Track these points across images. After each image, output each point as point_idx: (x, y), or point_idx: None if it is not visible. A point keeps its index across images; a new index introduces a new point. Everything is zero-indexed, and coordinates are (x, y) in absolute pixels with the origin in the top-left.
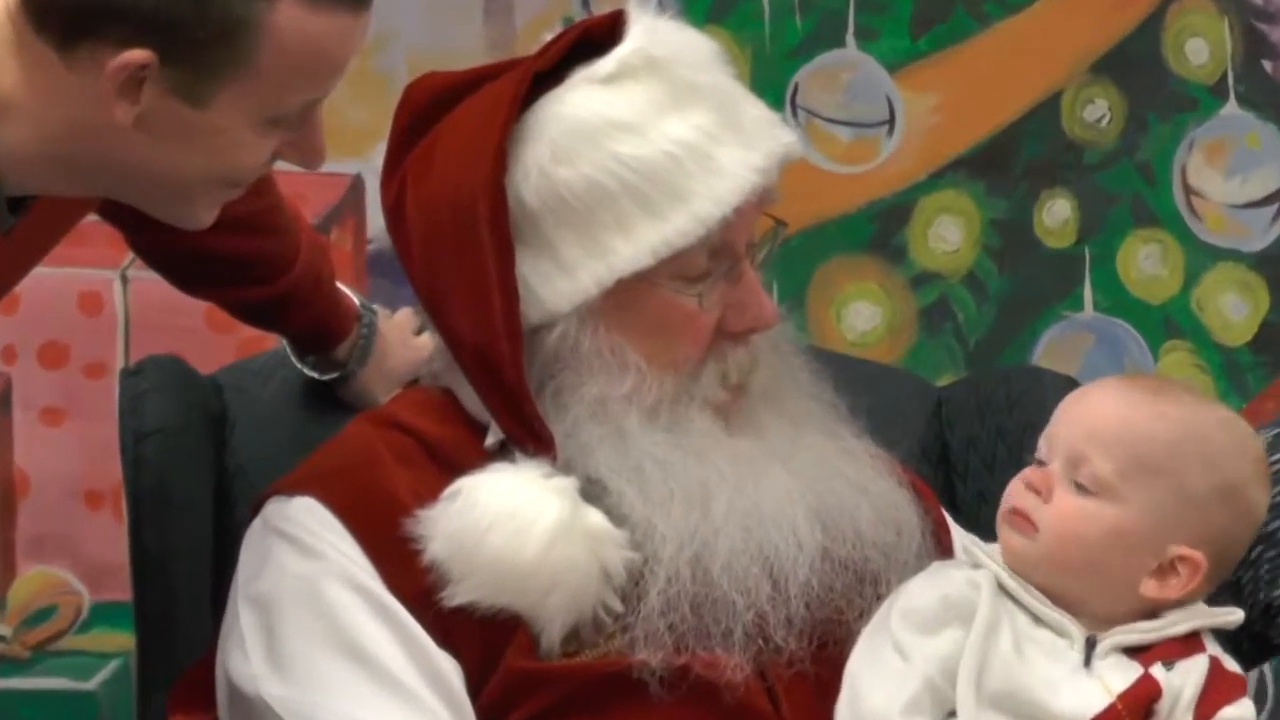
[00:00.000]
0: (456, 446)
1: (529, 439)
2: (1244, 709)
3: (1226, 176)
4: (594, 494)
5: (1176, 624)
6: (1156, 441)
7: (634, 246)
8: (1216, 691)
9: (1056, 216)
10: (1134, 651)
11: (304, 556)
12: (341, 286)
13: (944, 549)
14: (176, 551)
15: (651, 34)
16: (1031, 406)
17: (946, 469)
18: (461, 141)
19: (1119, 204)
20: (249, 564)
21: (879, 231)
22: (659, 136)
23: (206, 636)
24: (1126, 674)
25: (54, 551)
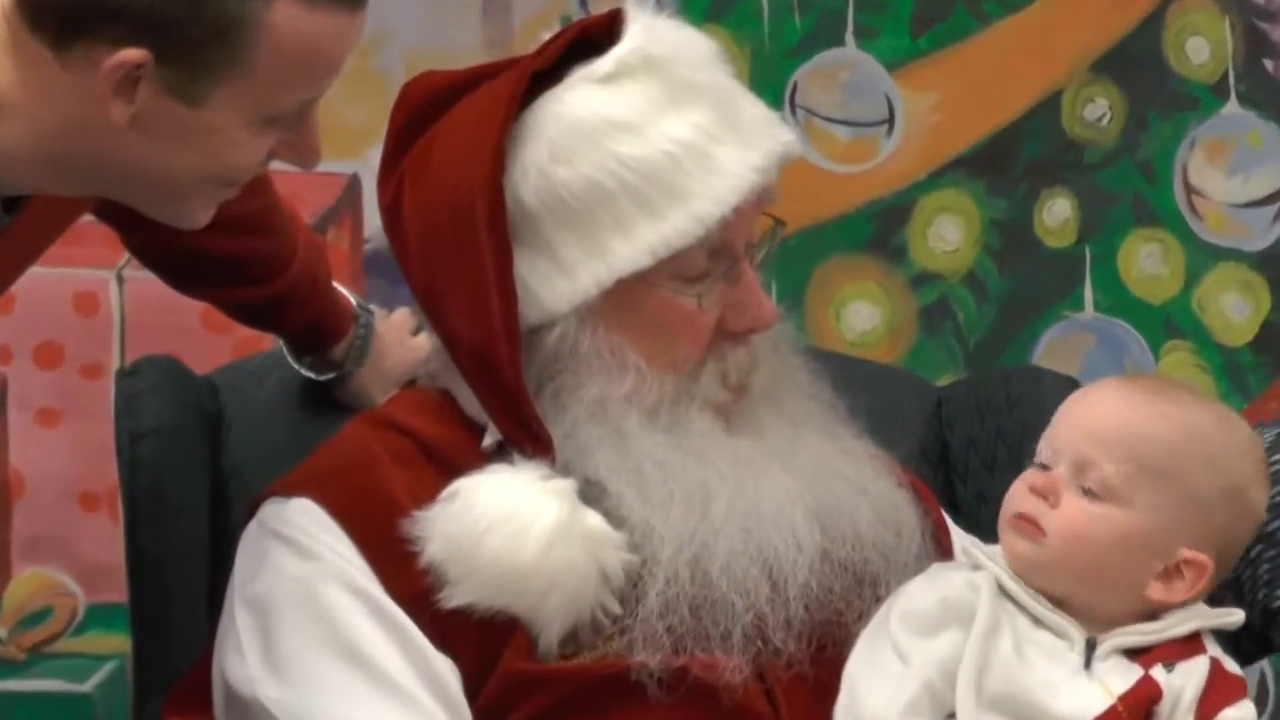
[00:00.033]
0: (454, 447)
1: (527, 440)
2: (1245, 710)
3: (1228, 176)
4: (593, 495)
5: (1177, 625)
6: (1157, 442)
7: (633, 246)
8: (1217, 693)
9: (1057, 216)
10: (1134, 653)
11: (301, 558)
12: (338, 286)
13: (944, 550)
14: (173, 553)
15: (650, 33)
16: (1032, 407)
17: (946, 469)
18: (459, 141)
19: (1119, 203)
20: (245, 565)
21: (878, 231)
22: (658, 136)
23: (203, 638)
24: (1127, 676)
25: (49, 553)
